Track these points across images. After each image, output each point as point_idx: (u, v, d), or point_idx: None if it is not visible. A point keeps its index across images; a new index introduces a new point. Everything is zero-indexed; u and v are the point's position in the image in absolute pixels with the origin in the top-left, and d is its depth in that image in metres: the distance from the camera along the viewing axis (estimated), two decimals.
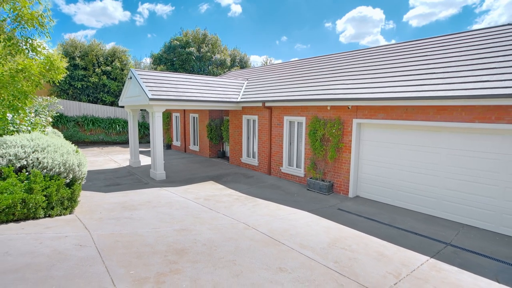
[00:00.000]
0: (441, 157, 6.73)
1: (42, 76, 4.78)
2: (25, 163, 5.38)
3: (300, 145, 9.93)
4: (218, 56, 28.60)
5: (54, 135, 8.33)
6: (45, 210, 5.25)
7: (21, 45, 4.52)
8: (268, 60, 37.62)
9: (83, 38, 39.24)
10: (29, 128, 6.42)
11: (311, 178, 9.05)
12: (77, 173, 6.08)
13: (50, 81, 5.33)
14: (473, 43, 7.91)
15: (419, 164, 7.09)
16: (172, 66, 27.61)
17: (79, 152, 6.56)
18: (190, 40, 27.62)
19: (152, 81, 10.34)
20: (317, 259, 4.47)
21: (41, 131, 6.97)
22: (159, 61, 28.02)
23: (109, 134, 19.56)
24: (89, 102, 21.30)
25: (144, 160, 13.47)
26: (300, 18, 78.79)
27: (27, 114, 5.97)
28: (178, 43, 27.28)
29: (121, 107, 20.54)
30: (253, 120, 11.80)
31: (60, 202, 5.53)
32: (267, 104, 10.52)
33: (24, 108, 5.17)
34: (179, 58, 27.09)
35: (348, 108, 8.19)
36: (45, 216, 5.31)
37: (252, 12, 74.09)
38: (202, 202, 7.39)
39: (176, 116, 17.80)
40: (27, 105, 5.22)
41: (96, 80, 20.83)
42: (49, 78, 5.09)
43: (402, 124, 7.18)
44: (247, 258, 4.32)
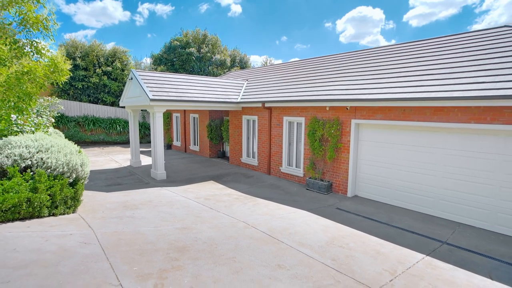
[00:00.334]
0: (438, 157, 6.83)
1: (46, 78, 4.90)
2: (29, 163, 5.50)
3: (300, 145, 10.04)
4: (218, 56, 28.70)
5: (56, 136, 8.44)
6: (49, 209, 5.37)
7: (26, 48, 4.65)
8: (268, 60, 37.74)
9: (84, 38, 39.33)
10: (32, 128, 6.54)
11: (310, 178, 9.15)
12: (80, 173, 6.19)
13: (54, 82, 5.44)
14: (469, 44, 8.01)
15: (417, 164, 7.19)
16: (172, 66, 27.70)
17: (81, 152, 6.67)
18: (190, 41, 27.72)
19: (152, 81, 10.44)
20: (315, 256, 4.58)
21: (44, 131, 7.09)
22: (159, 61, 28.12)
23: (109, 134, 19.67)
24: (89, 102, 21.41)
25: (145, 160, 13.56)
26: (300, 18, 78.91)
27: (31, 115, 6.08)
28: (178, 43, 27.39)
29: (121, 107, 20.63)
30: (253, 120, 11.91)
31: (63, 201, 5.65)
32: (266, 104, 10.63)
33: (28, 109, 5.28)
34: (179, 58, 27.19)
35: (347, 108, 8.30)
36: (49, 215, 5.42)
37: (252, 12, 74.21)
38: (202, 201, 7.50)
39: (176, 116, 17.90)
40: (31, 106, 5.33)
41: (97, 80, 20.94)
42: (53, 80, 5.21)
43: (400, 124, 7.28)
44: (247, 256, 4.43)
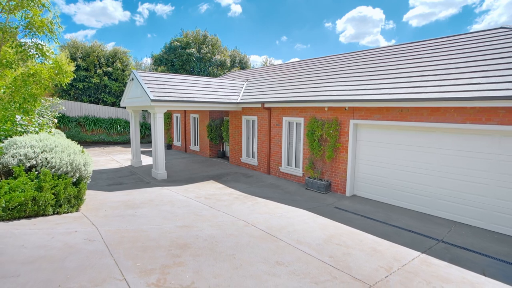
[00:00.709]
0: (435, 156, 6.94)
1: (51, 80, 5.04)
2: (34, 162, 5.62)
3: (299, 145, 10.16)
4: (218, 57, 28.84)
5: (59, 136, 8.56)
6: (53, 207, 5.50)
7: (31, 50, 4.78)
8: (268, 60, 37.89)
9: (84, 39, 39.43)
10: (36, 129, 6.66)
11: (309, 178, 9.27)
12: (83, 172, 6.32)
13: (58, 84, 5.57)
14: (466, 46, 8.13)
15: (414, 163, 7.30)
16: (172, 67, 27.83)
17: (84, 152, 6.79)
18: (191, 41, 27.85)
19: (153, 82, 10.55)
20: (313, 254, 4.70)
21: (48, 132, 7.20)
22: (159, 62, 28.26)
23: (110, 134, 19.78)
24: (90, 102, 21.54)
25: (145, 160, 13.66)
26: (300, 18, 79.03)
27: (35, 115, 6.20)
28: (179, 44, 27.52)
29: (122, 107, 20.76)
30: (252, 120, 12.02)
31: (67, 200, 5.77)
32: (266, 105, 10.75)
33: (33, 110, 5.41)
34: (179, 59, 27.32)
35: (345, 109, 8.42)
36: (53, 213, 5.55)
37: (252, 12, 74.34)
38: (203, 200, 7.61)
39: (176, 117, 18.01)
40: (36, 107, 5.46)
41: (98, 81, 21.07)
42: (57, 81, 5.34)
43: (397, 124, 7.40)
44: (247, 253, 4.55)
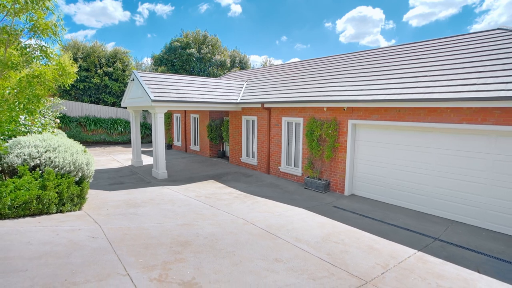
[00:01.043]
0: (432, 156, 7.04)
1: (55, 81, 5.15)
2: (38, 162, 5.73)
3: (298, 145, 10.26)
4: (218, 57, 28.95)
5: (61, 135, 8.66)
6: (57, 206, 5.61)
7: (36, 52, 4.89)
8: (268, 60, 38.07)
9: (84, 39, 39.57)
10: (39, 129, 6.76)
11: (308, 177, 9.38)
12: (85, 171, 6.43)
13: (62, 85, 5.68)
14: (463, 47, 8.25)
15: (412, 163, 7.41)
16: (172, 67, 27.94)
17: (86, 152, 6.90)
18: (191, 41, 27.97)
19: (154, 83, 10.66)
20: (311, 251, 4.81)
21: (50, 132, 7.31)
22: (160, 62, 28.37)
23: (110, 134, 19.88)
24: (91, 102, 21.65)
25: (146, 159, 13.76)
26: (300, 18, 79.09)
27: (38, 116, 6.31)
28: (179, 44, 27.63)
29: (123, 107, 20.86)
30: (252, 120, 12.13)
31: (70, 198, 5.88)
32: (266, 105, 10.85)
33: (36, 110, 5.52)
34: (179, 59, 27.43)
35: (344, 109, 8.53)
36: (57, 212, 5.66)
37: (252, 12, 74.41)
38: (203, 199, 7.72)
39: (177, 117, 18.12)
40: (39, 107, 5.57)
41: (98, 81, 21.18)
42: (60, 82, 5.46)
43: (395, 125, 7.50)
44: (246, 250, 4.66)
